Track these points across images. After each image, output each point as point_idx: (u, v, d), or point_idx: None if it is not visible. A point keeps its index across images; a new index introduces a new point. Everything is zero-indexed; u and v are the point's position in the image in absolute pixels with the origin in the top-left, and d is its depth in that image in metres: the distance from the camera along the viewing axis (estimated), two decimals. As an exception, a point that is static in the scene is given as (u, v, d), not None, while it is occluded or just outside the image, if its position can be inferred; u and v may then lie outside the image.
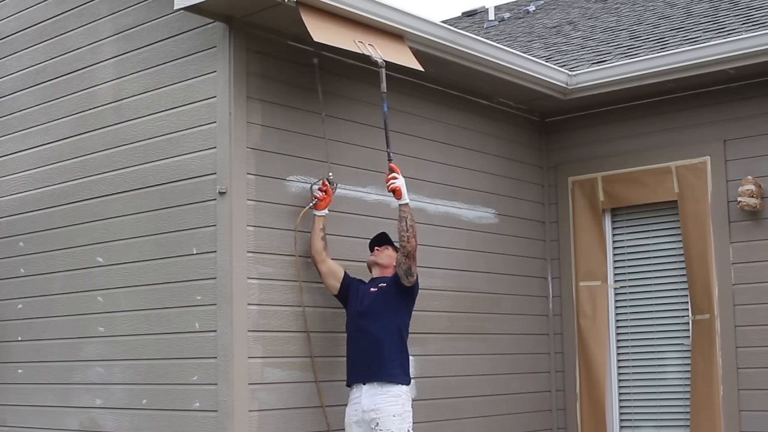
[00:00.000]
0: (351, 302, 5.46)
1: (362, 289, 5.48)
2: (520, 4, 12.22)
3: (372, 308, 5.35)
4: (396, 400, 5.22)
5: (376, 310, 5.34)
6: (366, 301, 5.39)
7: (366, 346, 5.30)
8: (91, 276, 6.02)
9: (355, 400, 5.30)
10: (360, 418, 5.24)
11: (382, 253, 5.57)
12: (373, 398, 5.21)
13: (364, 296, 5.42)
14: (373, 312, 5.34)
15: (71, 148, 6.25)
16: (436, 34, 6.04)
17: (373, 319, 5.32)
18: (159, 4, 5.73)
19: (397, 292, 5.37)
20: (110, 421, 5.81)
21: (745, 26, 7.14)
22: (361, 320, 5.36)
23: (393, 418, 5.17)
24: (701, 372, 6.79)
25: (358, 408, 5.26)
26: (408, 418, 5.25)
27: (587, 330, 7.32)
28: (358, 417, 5.25)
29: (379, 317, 5.32)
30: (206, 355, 5.29)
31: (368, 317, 5.33)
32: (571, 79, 7.12)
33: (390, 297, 5.37)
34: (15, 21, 6.82)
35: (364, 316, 5.35)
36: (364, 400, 5.23)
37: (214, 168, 5.34)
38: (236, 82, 5.34)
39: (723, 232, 6.79)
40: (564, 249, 7.52)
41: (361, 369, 5.30)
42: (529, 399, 7.26)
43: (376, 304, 5.36)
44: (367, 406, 5.21)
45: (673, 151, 7.06)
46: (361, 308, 5.39)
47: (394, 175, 5.37)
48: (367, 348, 5.28)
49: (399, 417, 5.19)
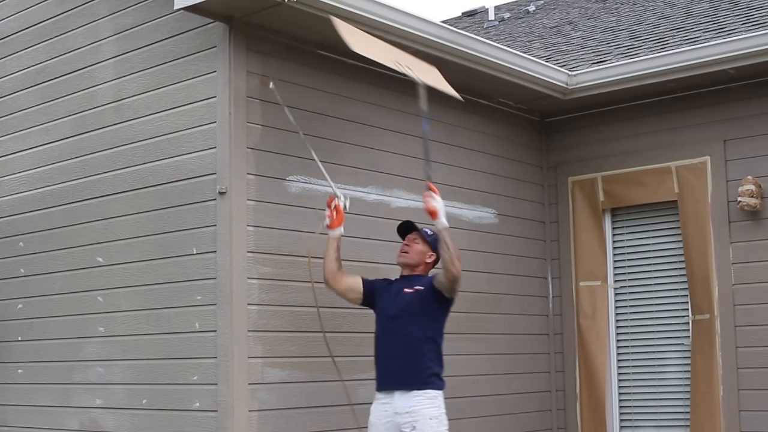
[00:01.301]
0: (380, 305, 5.16)
1: (393, 289, 5.16)
2: (520, 4, 12.22)
3: (407, 311, 5.02)
4: (432, 402, 4.92)
5: (411, 314, 5.01)
6: (400, 303, 5.05)
7: (400, 350, 4.97)
8: (91, 276, 6.02)
9: (384, 399, 4.99)
10: (391, 420, 4.92)
11: (412, 248, 5.21)
12: (408, 400, 4.90)
13: (397, 297, 5.09)
14: (407, 315, 5.01)
15: (71, 148, 6.25)
16: (436, 34, 6.04)
17: (408, 323, 4.99)
18: (159, 4, 5.73)
19: (435, 299, 5.04)
20: (110, 421, 5.81)
21: (745, 26, 7.14)
22: (394, 323, 5.03)
23: (430, 421, 4.87)
24: (701, 372, 6.79)
25: (389, 409, 4.95)
26: (444, 421, 4.96)
27: (587, 330, 7.32)
28: (388, 419, 4.94)
29: (414, 321, 4.99)
30: (206, 355, 5.29)
31: (402, 320, 5.00)
32: (571, 79, 7.12)
33: (428, 302, 5.03)
34: (15, 21, 6.82)
35: (398, 319, 5.02)
36: (398, 401, 4.92)
37: (214, 168, 5.34)
38: (236, 82, 5.34)
39: (723, 232, 6.79)
40: (564, 249, 7.52)
41: (394, 375, 4.98)
42: (529, 399, 7.26)
43: (411, 307, 5.02)
44: (401, 407, 4.90)
45: (673, 151, 7.06)
46: (394, 311, 5.06)
47: (431, 194, 5.00)
48: (401, 353, 4.96)
49: (436, 420, 4.90)
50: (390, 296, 5.13)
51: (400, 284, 5.18)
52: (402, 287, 5.13)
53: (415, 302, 5.03)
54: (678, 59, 6.72)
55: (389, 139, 6.28)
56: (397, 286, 5.17)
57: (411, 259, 5.20)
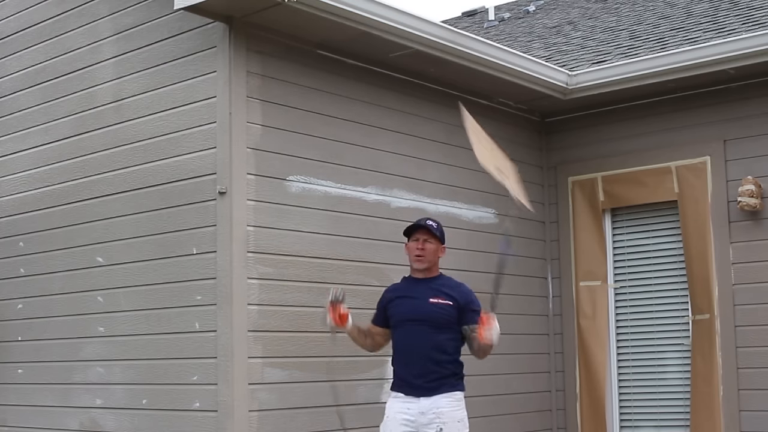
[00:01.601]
0: (396, 310, 5.04)
1: (409, 292, 5.04)
2: (520, 4, 12.22)
3: (430, 318, 4.91)
4: (459, 404, 4.91)
5: (434, 321, 4.91)
6: (424, 310, 4.92)
7: (422, 355, 4.88)
8: (91, 276, 6.02)
9: (407, 398, 4.87)
10: (414, 420, 4.82)
11: (426, 249, 5.01)
12: (436, 401, 4.83)
13: (420, 304, 4.95)
14: (430, 321, 4.91)
15: (71, 148, 6.25)
16: (436, 34, 6.04)
17: (431, 327, 4.89)
18: (159, 4, 5.73)
19: (458, 319, 4.96)
20: (110, 421, 5.80)
21: (745, 26, 7.13)
22: (417, 327, 4.91)
23: (458, 423, 4.85)
24: (701, 372, 6.79)
25: (412, 408, 4.85)
26: (467, 424, 4.93)
27: (587, 330, 7.32)
28: (409, 417, 4.83)
29: (438, 327, 4.90)
30: (206, 355, 5.29)
31: (425, 324, 4.90)
32: (571, 79, 7.12)
33: (452, 319, 4.94)
34: (15, 21, 6.82)
35: (421, 323, 4.91)
36: (424, 401, 4.83)
37: (214, 168, 5.34)
38: (236, 82, 5.34)
39: (723, 232, 6.79)
40: (564, 249, 7.52)
41: (416, 381, 4.86)
42: (529, 399, 7.26)
43: (434, 316, 4.91)
44: (428, 407, 4.81)
45: (673, 151, 7.06)
46: (414, 315, 4.94)
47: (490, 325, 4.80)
48: (424, 358, 4.87)
49: (461, 423, 4.88)
50: (409, 302, 4.99)
51: (420, 289, 5.01)
52: (426, 295, 4.97)
53: (439, 312, 4.92)
54: (678, 59, 6.72)
55: (389, 139, 6.28)
56: (418, 291, 5.00)
57: (429, 262, 5.03)
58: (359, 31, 5.63)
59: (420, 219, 5.19)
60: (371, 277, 5.97)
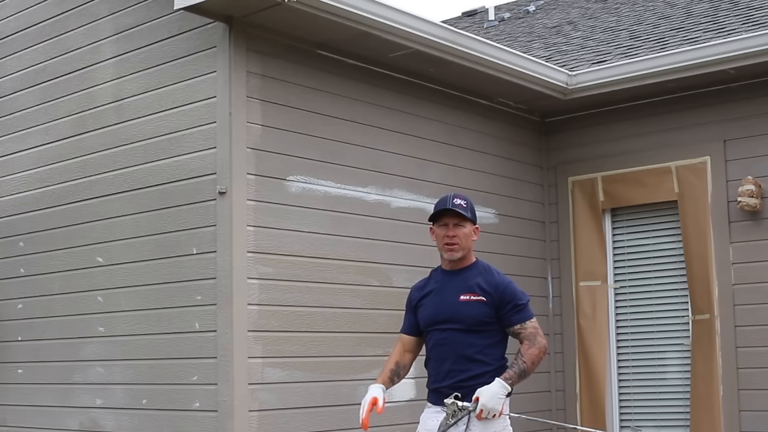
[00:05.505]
0: (421, 314, 4.29)
1: (438, 288, 4.27)
2: (520, 4, 12.22)
3: (459, 318, 4.16)
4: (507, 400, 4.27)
5: (464, 320, 4.15)
6: (451, 309, 4.17)
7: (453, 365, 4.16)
8: (91, 276, 6.02)
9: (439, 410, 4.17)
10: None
11: (459, 235, 4.16)
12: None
13: (446, 300, 4.20)
14: (459, 322, 4.16)
15: (71, 148, 6.25)
16: (436, 34, 6.04)
17: (461, 330, 4.14)
18: (159, 4, 5.74)
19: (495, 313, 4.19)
20: (110, 421, 5.81)
21: (745, 26, 7.13)
22: (444, 331, 4.18)
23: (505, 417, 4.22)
24: (701, 372, 6.79)
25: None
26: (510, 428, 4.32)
27: (587, 330, 7.32)
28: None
29: (469, 329, 4.14)
30: (206, 355, 5.29)
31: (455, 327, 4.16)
32: (571, 79, 7.12)
33: (487, 314, 4.16)
34: (15, 21, 6.82)
35: (449, 326, 4.17)
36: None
37: (214, 168, 5.34)
38: (236, 82, 5.34)
39: (723, 232, 6.79)
40: (564, 249, 7.52)
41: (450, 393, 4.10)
42: (529, 399, 7.25)
43: (463, 314, 4.15)
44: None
45: (673, 151, 7.06)
46: (440, 316, 4.19)
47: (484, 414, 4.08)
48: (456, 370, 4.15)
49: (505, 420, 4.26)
50: (436, 300, 4.24)
51: (452, 284, 4.23)
52: (456, 290, 4.20)
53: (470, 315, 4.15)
54: (678, 59, 6.72)
55: (389, 139, 6.28)
56: (448, 287, 4.23)
57: (464, 249, 4.18)
58: (359, 31, 5.63)
59: (445, 196, 4.26)
60: (371, 277, 5.98)
